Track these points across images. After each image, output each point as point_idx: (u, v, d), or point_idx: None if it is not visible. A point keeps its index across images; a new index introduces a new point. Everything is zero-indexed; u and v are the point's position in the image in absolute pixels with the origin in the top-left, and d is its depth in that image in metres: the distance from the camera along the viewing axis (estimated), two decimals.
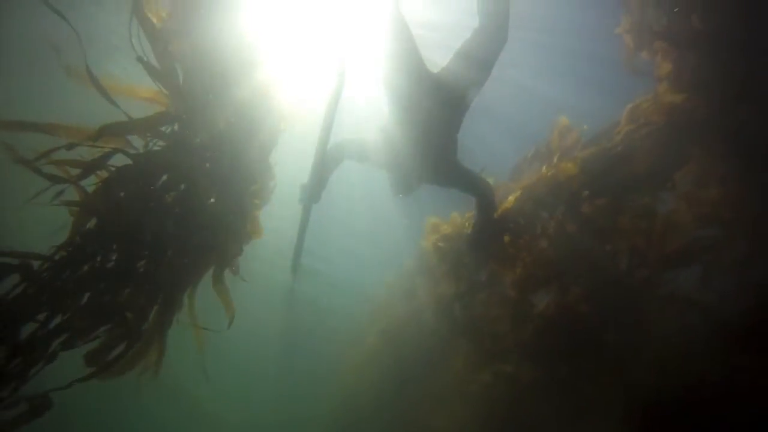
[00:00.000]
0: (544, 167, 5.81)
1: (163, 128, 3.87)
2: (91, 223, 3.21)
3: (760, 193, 5.31)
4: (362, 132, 6.26)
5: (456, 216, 6.91)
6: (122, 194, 3.31)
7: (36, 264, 2.94)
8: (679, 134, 4.71)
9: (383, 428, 7.54)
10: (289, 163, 5.75)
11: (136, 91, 4.00)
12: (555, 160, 5.69)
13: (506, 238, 5.98)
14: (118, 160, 3.63)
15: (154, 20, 3.92)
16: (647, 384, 5.16)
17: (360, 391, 8.05)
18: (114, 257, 3.15)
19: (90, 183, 3.35)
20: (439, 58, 5.76)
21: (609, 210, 5.40)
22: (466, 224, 6.64)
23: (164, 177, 3.61)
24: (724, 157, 5.39)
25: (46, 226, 3.19)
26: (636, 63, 5.91)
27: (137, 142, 3.74)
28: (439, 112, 5.33)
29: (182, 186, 3.56)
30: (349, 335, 9.37)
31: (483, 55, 5.41)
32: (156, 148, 3.69)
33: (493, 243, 6.11)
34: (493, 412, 6.23)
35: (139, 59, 3.71)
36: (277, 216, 5.70)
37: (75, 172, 3.29)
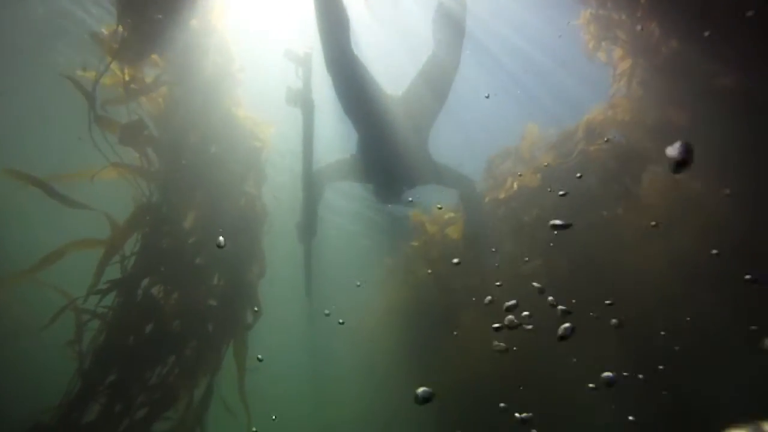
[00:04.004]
0: (515, 176, 6.24)
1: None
2: None
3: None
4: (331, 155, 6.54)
5: (438, 213, 7.34)
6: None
7: None
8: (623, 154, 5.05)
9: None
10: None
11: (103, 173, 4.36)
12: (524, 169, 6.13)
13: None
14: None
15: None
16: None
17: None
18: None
19: None
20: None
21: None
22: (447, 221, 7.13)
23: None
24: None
25: None
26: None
27: None
28: (404, 129, 5.64)
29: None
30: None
31: (437, 78, 5.64)
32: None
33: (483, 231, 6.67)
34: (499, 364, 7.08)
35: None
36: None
37: None
